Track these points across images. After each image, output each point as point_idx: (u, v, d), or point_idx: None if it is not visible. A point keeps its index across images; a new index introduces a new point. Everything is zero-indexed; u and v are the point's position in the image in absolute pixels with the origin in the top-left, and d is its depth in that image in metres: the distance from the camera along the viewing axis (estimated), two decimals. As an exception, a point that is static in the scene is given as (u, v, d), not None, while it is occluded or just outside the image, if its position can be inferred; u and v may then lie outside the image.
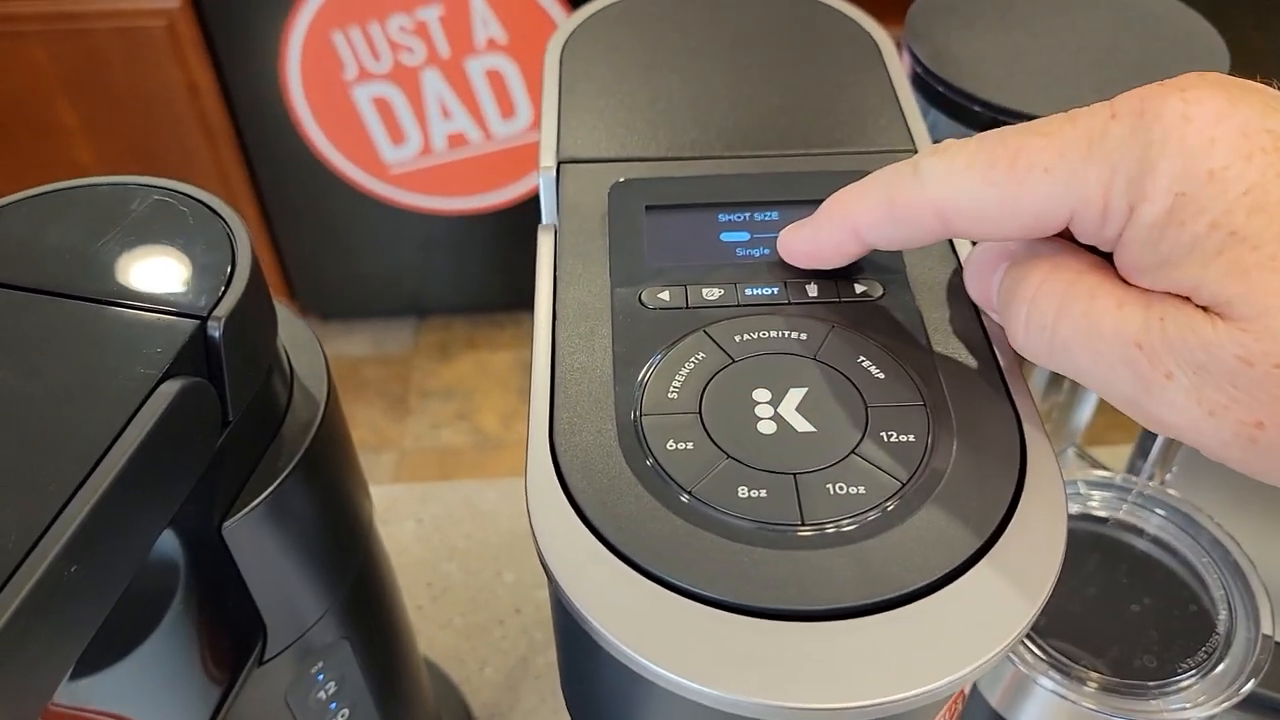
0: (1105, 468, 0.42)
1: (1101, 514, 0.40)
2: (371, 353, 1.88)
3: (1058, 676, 0.35)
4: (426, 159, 1.62)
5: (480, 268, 1.80)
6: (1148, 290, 0.22)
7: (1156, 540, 0.39)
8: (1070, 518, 0.41)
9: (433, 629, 0.58)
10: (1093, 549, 0.39)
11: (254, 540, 0.29)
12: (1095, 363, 0.22)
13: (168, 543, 0.27)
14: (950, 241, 0.31)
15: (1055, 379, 0.48)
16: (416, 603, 0.59)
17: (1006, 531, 0.23)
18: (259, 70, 1.50)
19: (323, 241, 1.75)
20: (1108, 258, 0.23)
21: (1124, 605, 0.36)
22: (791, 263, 0.29)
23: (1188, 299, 0.21)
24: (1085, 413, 0.51)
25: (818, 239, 0.28)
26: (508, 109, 1.57)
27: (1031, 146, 0.22)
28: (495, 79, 1.54)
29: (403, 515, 0.63)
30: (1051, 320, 0.23)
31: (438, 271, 1.82)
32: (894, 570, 0.22)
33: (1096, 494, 0.40)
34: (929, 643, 0.22)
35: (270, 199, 1.68)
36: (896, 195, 0.25)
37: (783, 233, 0.29)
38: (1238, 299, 0.20)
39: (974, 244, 0.28)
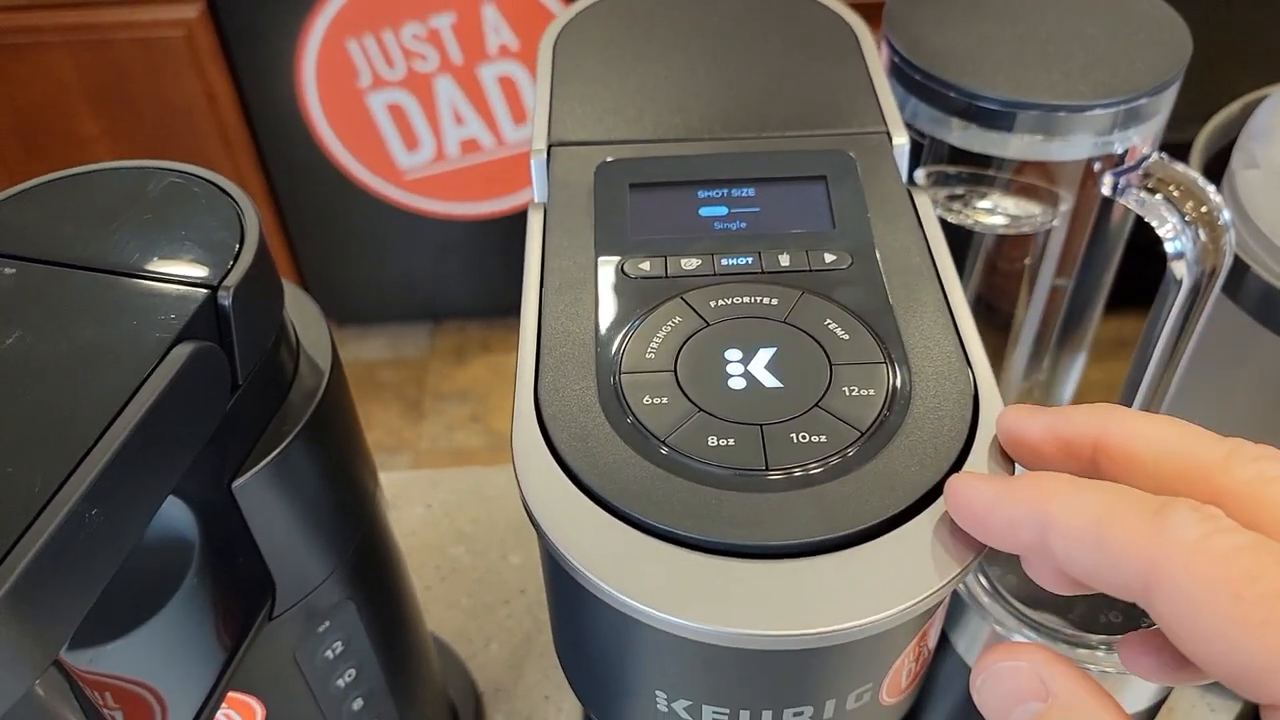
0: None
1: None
2: (387, 356, 1.90)
3: (1031, 635, 0.36)
4: (440, 165, 1.65)
5: (494, 272, 1.82)
6: None
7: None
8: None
9: (441, 608, 0.59)
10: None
11: (262, 498, 0.31)
12: None
13: (185, 503, 0.29)
14: (918, 218, 0.32)
15: (1035, 356, 0.50)
16: (425, 584, 0.61)
17: (957, 477, 0.25)
18: (275, 79, 1.52)
19: (338, 247, 1.77)
20: None
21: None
22: (952, 506, 0.23)
23: None
24: (1068, 390, 0.52)
25: (995, 506, 0.22)
26: (520, 114, 1.60)
27: None
28: (507, 85, 1.56)
29: (413, 500, 0.65)
30: None
31: (452, 276, 1.84)
32: (851, 511, 0.24)
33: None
34: (882, 577, 0.23)
35: (286, 205, 1.70)
36: (1116, 528, 0.19)
37: (961, 477, 0.24)
38: None
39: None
